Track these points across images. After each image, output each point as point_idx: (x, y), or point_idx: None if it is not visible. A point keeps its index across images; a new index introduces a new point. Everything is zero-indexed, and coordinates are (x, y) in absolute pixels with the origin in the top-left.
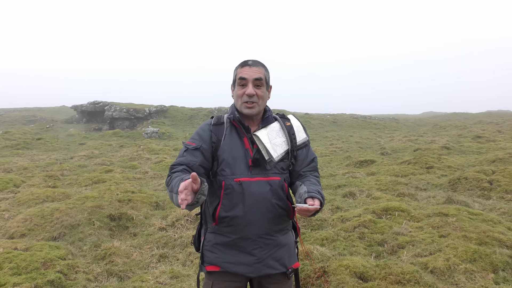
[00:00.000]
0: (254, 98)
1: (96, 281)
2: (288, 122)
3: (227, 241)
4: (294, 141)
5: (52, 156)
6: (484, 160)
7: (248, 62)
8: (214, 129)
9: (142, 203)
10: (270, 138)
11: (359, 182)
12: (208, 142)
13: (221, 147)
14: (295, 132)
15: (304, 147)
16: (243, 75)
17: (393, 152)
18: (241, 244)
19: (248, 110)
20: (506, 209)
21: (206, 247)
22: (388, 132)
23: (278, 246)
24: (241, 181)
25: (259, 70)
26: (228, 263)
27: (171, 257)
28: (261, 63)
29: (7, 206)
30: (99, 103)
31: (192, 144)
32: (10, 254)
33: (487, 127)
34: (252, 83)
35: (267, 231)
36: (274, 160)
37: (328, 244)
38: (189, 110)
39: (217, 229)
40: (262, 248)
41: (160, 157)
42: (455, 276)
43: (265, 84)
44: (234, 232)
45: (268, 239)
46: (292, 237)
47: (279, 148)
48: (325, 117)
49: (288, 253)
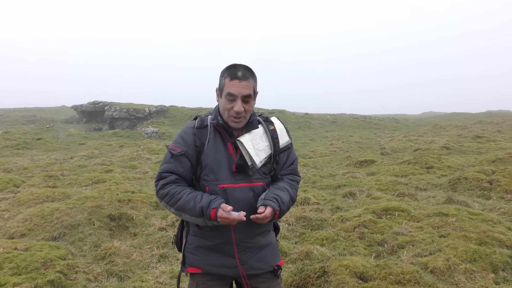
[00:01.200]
0: (242, 113)
1: (96, 281)
2: (272, 126)
3: (210, 245)
4: (277, 145)
5: (52, 156)
6: (484, 160)
7: (237, 74)
8: (198, 132)
9: (142, 203)
10: (253, 143)
11: (359, 182)
12: (192, 146)
13: (204, 152)
14: (278, 135)
15: (286, 150)
16: (232, 91)
17: (393, 152)
18: (224, 248)
19: (235, 124)
20: (506, 209)
21: (188, 249)
22: (388, 132)
23: (260, 247)
24: (225, 187)
25: (248, 85)
26: (210, 265)
27: (171, 257)
28: (250, 73)
29: (7, 206)
30: (99, 103)
31: (176, 149)
32: (10, 254)
33: (487, 127)
34: (241, 99)
35: (250, 235)
36: (256, 166)
37: (328, 244)
38: (189, 110)
39: (200, 232)
40: (245, 251)
41: (160, 157)
42: (455, 276)
43: (253, 97)
44: (217, 237)
45: (251, 243)
46: (273, 236)
47: (262, 153)
48: (325, 117)
49: (271, 252)
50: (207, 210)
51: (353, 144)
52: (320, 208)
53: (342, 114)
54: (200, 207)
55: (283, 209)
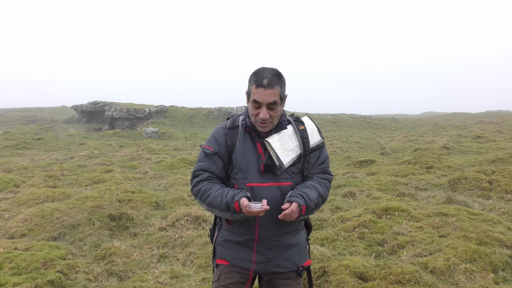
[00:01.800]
0: (267, 119)
1: (96, 281)
2: (302, 125)
3: (239, 241)
4: (307, 145)
5: (52, 156)
6: (484, 160)
7: (263, 82)
8: (229, 132)
9: (142, 203)
10: (282, 143)
11: (359, 182)
12: (224, 146)
13: (235, 151)
14: (309, 135)
15: (317, 149)
16: (257, 99)
17: (393, 152)
18: (252, 245)
19: (261, 128)
20: (506, 209)
21: (218, 242)
22: (388, 132)
23: (288, 247)
24: (252, 186)
25: (273, 92)
26: (237, 259)
27: (171, 257)
28: (276, 79)
29: (7, 206)
30: (99, 103)
31: (210, 148)
32: (10, 254)
33: (487, 127)
34: (266, 107)
35: (277, 233)
36: (284, 166)
37: (328, 244)
38: (189, 110)
39: (230, 228)
40: (271, 249)
41: (160, 157)
42: (455, 276)
43: (280, 102)
44: (245, 233)
45: (278, 241)
46: (304, 236)
47: (291, 153)
48: (325, 117)
49: (299, 252)
50: (232, 204)
51: (353, 144)
52: (320, 208)
53: (342, 114)
54: (226, 202)
55: (309, 205)
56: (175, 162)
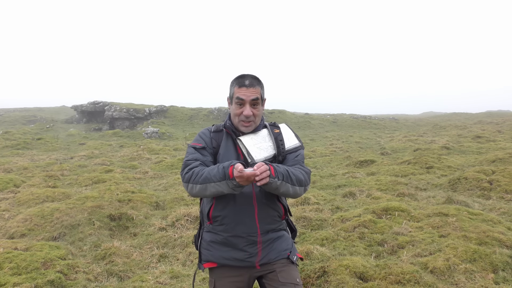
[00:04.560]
0: (251, 117)
1: (96, 281)
2: (277, 129)
3: (221, 239)
4: (281, 147)
5: (52, 156)
6: (484, 160)
7: (245, 82)
8: (214, 135)
9: (142, 203)
10: (254, 142)
11: (359, 182)
12: (210, 146)
13: (219, 152)
14: (284, 138)
15: (295, 152)
16: (240, 96)
17: (393, 152)
18: (234, 242)
19: (245, 128)
20: (506, 209)
21: (203, 246)
22: (388, 132)
23: (269, 240)
24: None
25: (255, 91)
26: (222, 258)
27: (171, 257)
28: (257, 81)
29: (7, 206)
30: (99, 103)
31: (198, 144)
32: (10, 254)
33: (487, 127)
34: (249, 104)
35: (257, 230)
36: (255, 162)
37: (328, 244)
38: (189, 110)
39: (211, 228)
40: (252, 245)
41: (160, 157)
42: (455, 276)
43: (261, 102)
44: (226, 231)
45: (260, 237)
46: (288, 236)
47: (264, 152)
48: (325, 117)
49: (285, 241)
50: (227, 169)
51: (353, 144)
52: (320, 208)
53: (342, 114)
54: (222, 166)
55: (278, 170)
56: (175, 162)
